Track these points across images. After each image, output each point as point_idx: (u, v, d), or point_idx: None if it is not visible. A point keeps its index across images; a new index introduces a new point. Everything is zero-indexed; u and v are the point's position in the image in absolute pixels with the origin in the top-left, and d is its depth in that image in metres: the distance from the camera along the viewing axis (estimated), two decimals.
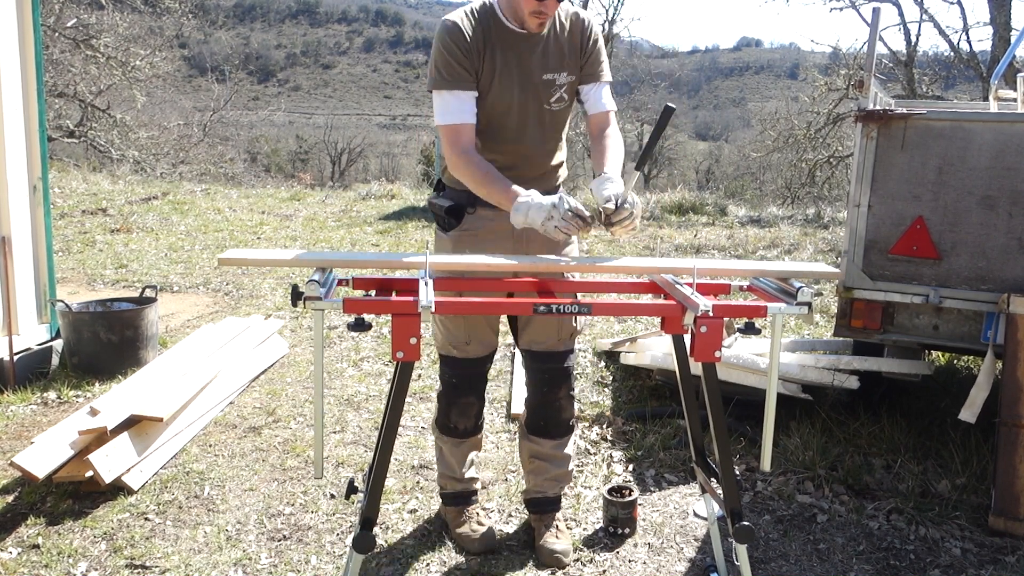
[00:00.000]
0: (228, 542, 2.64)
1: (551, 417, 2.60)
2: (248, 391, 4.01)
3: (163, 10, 19.08)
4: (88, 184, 12.19)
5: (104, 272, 6.56)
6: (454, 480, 2.70)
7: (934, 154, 3.11)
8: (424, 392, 4.06)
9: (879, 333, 3.32)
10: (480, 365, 2.57)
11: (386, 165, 36.73)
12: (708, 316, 1.84)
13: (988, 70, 13.39)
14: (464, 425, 2.62)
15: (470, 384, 2.59)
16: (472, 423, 2.64)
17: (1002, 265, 3.06)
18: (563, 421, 2.63)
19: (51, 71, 16.12)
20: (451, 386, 2.59)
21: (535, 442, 2.64)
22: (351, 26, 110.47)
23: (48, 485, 2.88)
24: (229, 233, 8.70)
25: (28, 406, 3.72)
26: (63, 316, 4.14)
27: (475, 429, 2.68)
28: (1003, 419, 2.82)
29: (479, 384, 2.62)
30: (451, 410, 2.60)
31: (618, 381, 4.27)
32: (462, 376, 2.57)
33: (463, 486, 2.71)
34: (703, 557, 2.62)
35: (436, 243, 2.53)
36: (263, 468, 3.18)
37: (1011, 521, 2.76)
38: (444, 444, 2.67)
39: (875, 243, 3.23)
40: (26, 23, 3.95)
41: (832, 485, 3.08)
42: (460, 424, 2.62)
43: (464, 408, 2.60)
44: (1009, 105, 4.38)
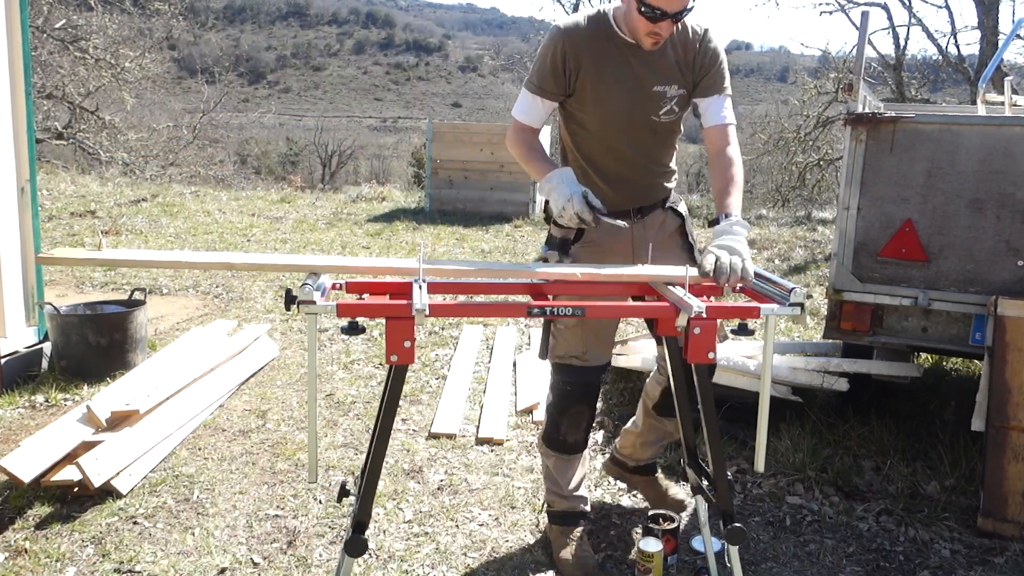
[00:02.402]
0: (217, 546, 2.62)
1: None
2: (238, 394, 3.99)
3: (152, 11, 18.97)
4: (77, 186, 12.12)
5: (92, 275, 6.51)
6: (560, 497, 2.64)
7: (923, 157, 3.13)
8: (415, 395, 4.05)
9: (868, 335, 3.34)
10: (596, 374, 2.58)
11: (376, 167, 36.66)
12: (701, 318, 1.85)
13: (976, 74, 13.47)
14: (574, 438, 2.60)
15: (584, 392, 2.57)
16: (581, 436, 2.61)
17: (990, 268, 3.08)
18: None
19: (39, 72, 16.00)
20: (566, 394, 2.57)
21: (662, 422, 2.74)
22: (341, 28, 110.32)
23: (35, 489, 2.86)
24: (219, 235, 8.66)
25: (16, 409, 3.69)
26: (51, 319, 4.11)
27: (583, 444, 2.64)
28: (991, 421, 2.84)
29: (592, 394, 2.60)
30: (562, 420, 2.58)
31: (609, 384, 4.27)
32: (577, 384, 2.56)
33: (569, 504, 2.64)
34: (694, 559, 2.62)
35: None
36: (253, 472, 3.17)
37: (1000, 522, 2.77)
38: (550, 460, 2.64)
39: (864, 245, 3.25)
40: (14, 24, 3.92)
41: (822, 487, 3.09)
42: (570, 436, 2.59)
43: (576, 418, 2.57)
44: (997, 109, 4.42)
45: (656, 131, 2.43)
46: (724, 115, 2.37)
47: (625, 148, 2.43)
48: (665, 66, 2.34)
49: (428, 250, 8.13)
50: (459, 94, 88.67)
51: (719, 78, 2.37)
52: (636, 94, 2.35)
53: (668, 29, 2.22)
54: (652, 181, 2.51)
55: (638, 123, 2.39)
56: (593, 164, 2.46)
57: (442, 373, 4.40)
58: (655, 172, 2.50)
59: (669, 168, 2.54)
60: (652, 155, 2.47)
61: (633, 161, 2.45)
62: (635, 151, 2.44)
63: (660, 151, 2.49)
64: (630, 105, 2.36)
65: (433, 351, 4.80)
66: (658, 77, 2.34)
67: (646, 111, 2.37)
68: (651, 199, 2.51)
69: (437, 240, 8.87)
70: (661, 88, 2.35)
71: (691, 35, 2.35)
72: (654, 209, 2.52)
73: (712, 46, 2.36)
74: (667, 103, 2.37)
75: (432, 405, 3.92)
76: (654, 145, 2.46)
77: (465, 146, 11.34)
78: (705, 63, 2.35)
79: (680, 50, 2.35)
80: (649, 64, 2.33)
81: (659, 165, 2.51)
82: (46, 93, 16.87)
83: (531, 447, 3.47)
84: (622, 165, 2.45)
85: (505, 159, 11.25)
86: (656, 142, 2.46)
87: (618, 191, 2.45)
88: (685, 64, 2.35)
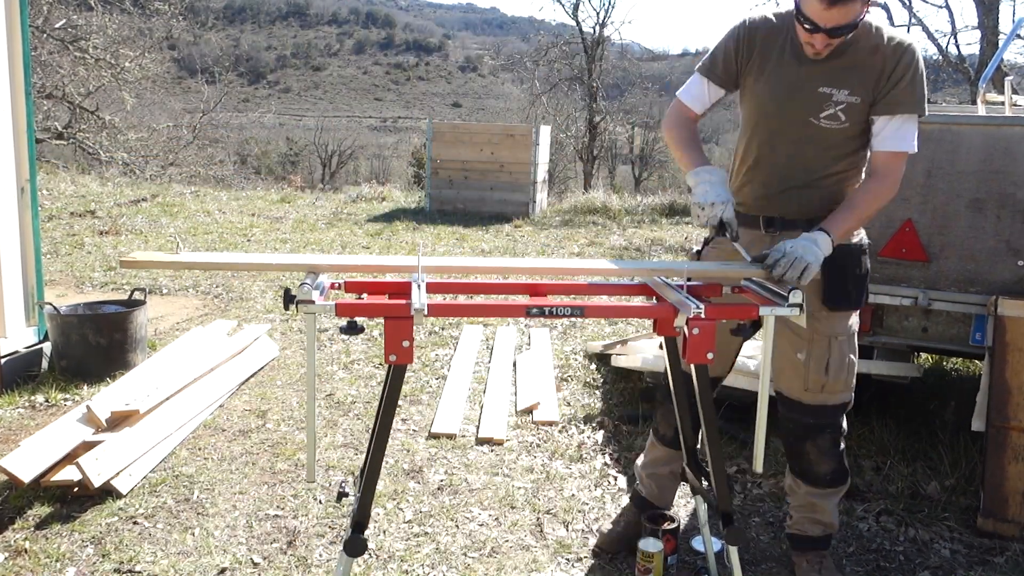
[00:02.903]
0: (217, 546, 2.62)
1: (800, 466, 2.46)
2: (238, 394, 3.99)
3: (152, 11, 18.99)
4: (76, 186, 12.13)
5: (92, 275, 6.52)
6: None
7: (923, 157, 3.12)
8: (415, 395, 4.05)
9: (868, 335, 3.34)
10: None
11: (376, 167, 36.69)
12: (700, 318, 1.85)
13: (976, 74, 13.48)
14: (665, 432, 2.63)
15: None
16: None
17: (990, 268, 3.08)
18: (815, 473, 2.43)
19: (39, 72, 16.01)
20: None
21: (795, 481, 2.50)
22: (341, 28, 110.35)
23: (35, 489, 2.86)
24: (219, 235, 8.67)
25: (16, 409, 3.69)
26: (51, 319, 4.11)
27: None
28: (991, 421, 2.84)
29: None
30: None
31: (609, 383, 4.27)
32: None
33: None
34: (694, 559, 2.62)
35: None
36: (253, 472, 3.17)
37: (1000, 522, 2.77)
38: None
39: None
40: (14, 24, 3.92)
41: None
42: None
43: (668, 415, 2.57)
44: (997, 109, 4.41)
45: (815, 137, 2.22)
46: (888, 141, 2.16)
47: (776, 147, 2.27)
48: (843, 69, 2.16)
49: (428, 250, 8.13)
50: (459, 94, 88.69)
51: (911, 96, 2.14)
52: (793, 90, 2.20)
53: (822, 42, 2.08)
54: (808, 193, 2.27)
55: (794, 123, 2.23)
56: (743, 160, 2.36)
57: (442, 373, 4.40)
58: (806, 183, 2.26)
59: (825, 184, 2.26)
60: (804, 162, 2.25)
61: (788, 165, 2.27)
62: (785, 154, 2.26)
63: (817, 161, 2.25)
64: (785, 100, 2.22)
65: (433, 351, 4.80)
66: (827, 78, 2.17)
67: (805, 111, 2.20)
68: (792, 212, 2.28)
69: (437, 240, 8.87)
70: (828, 90, 2.17)
71: (886, 43, 2.15)
72: (795, 227, 2.24)
73: (906, 59, 2.13)
74: (832, 107, 2.17)
75: (432, 405, 3.92)
76: (810, 151, 2.24)
77: (465, 146, 11.35)
78: (893, 76, 2.13)
79: (869, 56, 2.15)
80: (818, 62, 2.17)
81: (812, 175, 2.26)
82: (46, 93, 16.87)
83: (531, 447, 3.48)
84: (768, 167, 2.30)
85: (505, 159, 11.24)
86: (813, 149, 2.24)
87: (756, 193, 2.33)
88: (873, 71, 2.15)
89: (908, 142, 2.17)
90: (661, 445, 2.64)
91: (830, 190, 2.27)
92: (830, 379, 2.32)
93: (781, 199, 2.29)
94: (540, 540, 2.72)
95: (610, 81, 25.94)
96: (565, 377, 4.40)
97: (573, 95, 24.73)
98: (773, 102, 2.25)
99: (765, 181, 2.31)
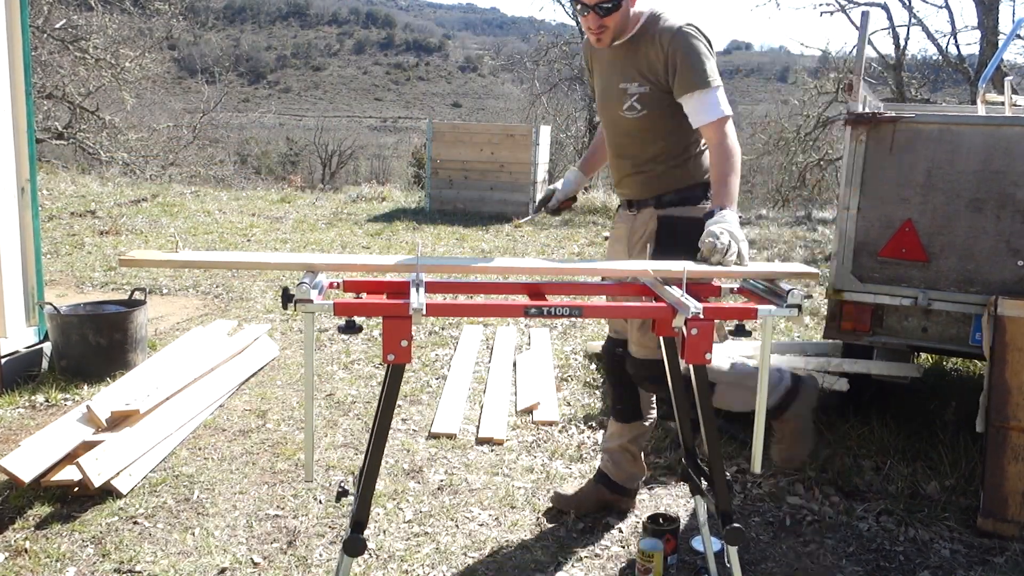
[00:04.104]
0: (217, 546, 2.62)
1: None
2: (238, 394, 3.99)
3: (153, 11, 18.98)
4: (77, 186, 12.13)
5: (93, 275, 6.52)
6: None
7: (923, 157, 3.13)
8: (415, 395, 4.05)
9: (868, 335, 3.34)
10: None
11: (376, 167, 36.63)
12: (698, 318, 1.85)
13: (976, 74, 13.48)
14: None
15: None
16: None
17: (990, 268, 3.08)
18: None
19: (39, 72, 15.99)
20: None
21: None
22: (342, 28, 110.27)
23: (35, 489, 2.86)
24: (219, 235, 8.67)
25: (16, 409, 3.69)
26: (51, 319, 4.11)
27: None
28: (991, 421, 2.84)
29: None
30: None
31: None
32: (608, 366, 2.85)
33: None
34: (694, 559, 2.62)
35: None
36: (253, 471, 3.17)
37: (1000, 522, 2.77)
38: None
39: (864, 245, 3.24)
40: (14, 24, 3.92)
41: (822, 487, 3.09)
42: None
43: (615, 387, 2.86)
44: (997, 109, 4.41)
45: (626, 129, 2.49)
46: (707, 113, 2.33)
47: (612, 142, 2.60)
48: (631, 63, 2.41)
49: (428, 250, 8.13)
50: (459, 94, 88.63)
51: (691, 74, 2.31)
52: (605, 91, 2.51)
53: (594, 22, 2.30)
54: (640, 178, 2.54)
55: (611, 118, 2.52)
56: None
57: (442, 373, 4.40)
58: (634, 170, 2.54)
59: (650, 168, 2.50)
60: (626, 151, 2.54)
61: (619, 155, 2.58)
62: (618, 146, 2.57)
63: (634, 148, 2.52)
64: (601, 101, 2.55)
65: (433, 351, 4.80)
66: (622, 74, 2.43)
67: (614, 107, 2.48)
68: (640, 194, 2.56)
69: (437, 240, 8.87)
70: (624, 85, 2.43)
71: (661, 32, 2.35)
72: (646, 206, 2.56)
73: (677, 43, 2.32)
74: (628, 99, 2.42)
75: (432, 405, 3.92)
76: (632, 141, 2.51)
77: (465, 146, 11.34)
78: (674, 61, 2.33)
79: (649, 47, 2.37)
80: (617, 61, 2.44)
81: (636, 162, 2.53)
82: (46, 93, 16.87)
83: (531, 447, 3.48)
84: (614, 158, 2.62)
85: (505, 159, 11.25)
86: (629, 139, 2.52)
87: (618, 182, 2.64)
88: (649, 62, 2.37)
89: (716, 110, 2.32)
90: (612, 420, 2.86)
91: (659, 170, 2.50)
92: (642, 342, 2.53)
93: (625, 184, 2.60)
94: (540, 540, 2.72)
95: None
96: (565, 377, 4.40)
97: (573, 95, 24.70)
98: (599, 102, 2.59)
99: (616, 172, 2.64)
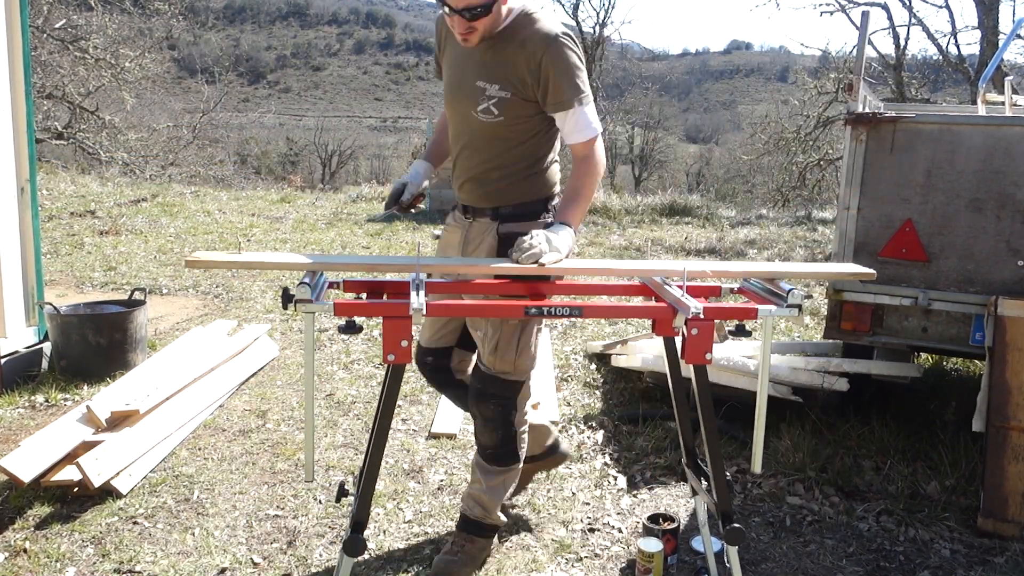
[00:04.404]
0: (217, 546, 2.62)
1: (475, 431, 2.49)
2: (238, 394, 3.99)
3: (152, 11, 18.98)
4: (76, 186, 12.12)
5: (93, 275, 6.52)
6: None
7: (923, 157, 3.13)
8: (415, 395, 4.05)
9: (869, 335, 3.34)
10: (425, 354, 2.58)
11: (376, 167, 36.65)
12: (699, 318, 1.85)
13: (976, 74, 13.48)
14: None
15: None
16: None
17: (990, 268, 3.08)
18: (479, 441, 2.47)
19: (39, 72, 16.00)
20: None
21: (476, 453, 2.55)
22: (342, 28, 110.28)
23: (35, 489, 2.86)
24: (219, 235, 8.66)
25: (16, 409, 3.69)
26: (51, 319, 4.11)
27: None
28: (992, 421, 2.84)
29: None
30: None
31: (609, 383, 4.27)
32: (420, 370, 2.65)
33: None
34: (694, 559, 2.62)
35: None
36: (253, 472, 3.17)
37: (1000, 522, 2.77)
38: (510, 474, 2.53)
39: (865, 245, 3.25)
40: (14, 24, 3.92)
41: (822, 487, 3.09)
42: None
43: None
44: (997, 109, 4.42)
45: (478, 130, 2.27)
46: (581, 132, 2.21)
47: (458, 140, 2.36)
48: (495, 62, 2.19)
49: (428, 250, 8.13)
50: None
51: (566, 90, 2.16)
52: (459, 83, 2.28)
53: (461, 25, 2.11)
54: (481, 184, 2.33)
55: (462, 115, 2.29)
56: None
57: None
58: (480, 174, 2.32)
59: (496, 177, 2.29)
60: (479, 155, 2.30)
61: (465, 154, 2.35)
62: (465, 145, 2.33)
63: (483, 153, 2.29)
64: (452, 92, 2.31)
65: None
66: (482, 72, 2.21)
67: (467, 104, 2.25)
68: (478, 202, 2.33)
69: (437, 240, 8.86)
70: (483, 84, 2.21)
71: (534, 39, 2.15)
72: (482, 215, 2.35)
73: (551, 55, 2.13)
74: (484, 100, 2.20)
75: (432, 405, 3.92)
76: (482, 144, 2.29)
77: None
78: (547, 74, 2.15)
79: (519, 52, 2.16)
80: (475, 56, 2.22)
81: (482, 167, 2.30)
82: (46, 93, 16.87)
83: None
84: (459, 156, 2.38)
85: None
86: (479, 141, 2.29)
87: (455, 182, 2.42)
88: (516, 67, 2.17)
89: (589, 129, 2.22)
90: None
91: (504, 182, 2.30)
92: (497, 357, 2.33)
93: (465, 188, 2.37)
94: (540, 540, 2.72)
95: (610, 81, 25.96)
96: (565, 377, 4.40)
97: None
98: (448, 92, 2.34)
99: (456, 171, 2.40)
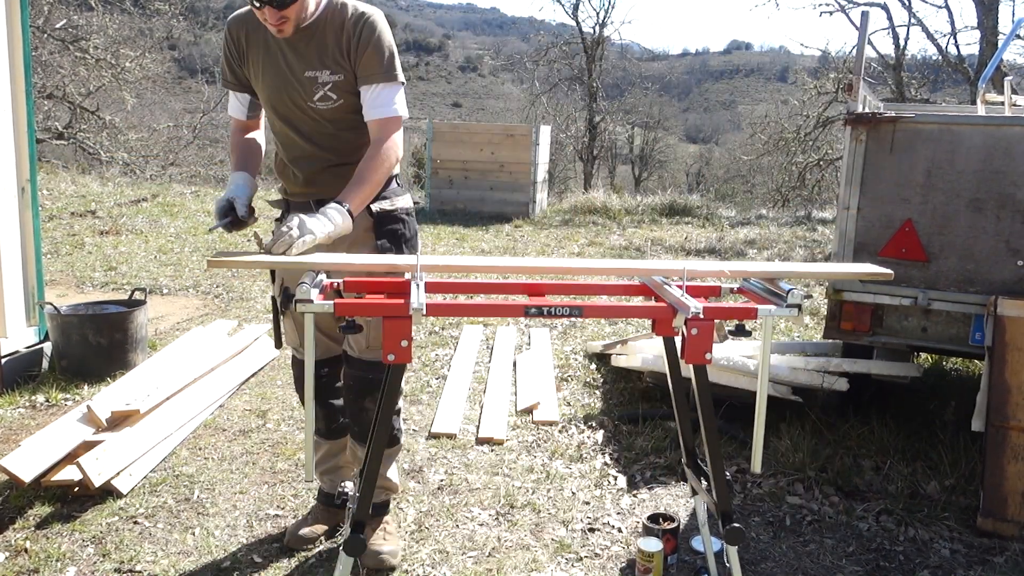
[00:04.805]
0: (217, 546, 2.62)
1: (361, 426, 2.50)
2: (238, 394, 3.99)
3: (153, 11, 18.98)
4: (77, 186, 12.12)
5: (93, 274, 6.52)
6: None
7: (922, 157, 3.13)
8: (415, 395, 4.05)
9: (868, 335, 3.34)
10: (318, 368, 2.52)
11: None
12: (698, 318, 1.85)
13: (976, 74, 13.49)
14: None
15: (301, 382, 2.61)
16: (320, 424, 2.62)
17: (990, 268, 3.08)
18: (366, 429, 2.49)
19: (40, 72, 15.99)
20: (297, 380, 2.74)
21: (356, 447, 2.57)
22: None
23: (36, 489, 2.86)
24: (218, 235, 8.65)
25: (16, 409, 3.69)
26: (51, 319, 4.11)
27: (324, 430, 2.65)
28: (991, 421, 2.84)
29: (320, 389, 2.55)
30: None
31: (609, 383, 4.27)
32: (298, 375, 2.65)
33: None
34: (694, 559, 2.62)
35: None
36: (253, 471, 3.17)
37: (999, 522, 2.77)
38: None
39: (864, 245, 3.25)
40: (14, 24, 3.92)
41: (822, 487, 3.09)
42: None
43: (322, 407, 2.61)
44: (997, 109, 4.42)
45: (319, 119, 2.31)
46: (381, 108, 2.25)
47: (294, 135, 2.37)
48: (318, 50, 2.25)
49: (428, 250, 8.13)
50: (459, 94, 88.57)
51: (378, 65, 2.24)
52: (285, 79, 2.29)
53: (273, 16, 2.13)
54: (337, 170, 2.34)
55: (298, 110, 2.31)
56: (281, 150, 2.45)
57: (442, 373, 4.40)
58: (346, 160, 2.33)
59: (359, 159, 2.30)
60: (333, 144, 2.35)
61: (305, 149, 2.36)
62: (305, 139, 2.35)
63: (342, 140, 2.35)
64: (280, 91, 2.31)
65: (433, 351, 4.80)
66: (308, 62, 2.26)
67: (301, 97, 2.28)
68: (333, 192, 2.26)
69: (437, 240, 8.87)
70: (313, 73, 2.26)
71: (349, 18, 2.24)
72: None
73: (366, 30, 2.23)
74: (320, 88, 2.26)
75: (432, 405, 3.92)
76: (334, 132, 2.34)
77: (465, 146, 11.35)
78: (359, 48, 2.23)
79: (338, 34, 2.24)
80: (298, 48, 2.26)
81: (341, 154, 2.35)
82: (46, 93, 16.86)
83: (531, 447, 3.48)
84: (297, 153, 2.39)
85: (505, 159, 11.26)
86: (325, 131, 2.33)
87: (299, 180, 2.41)
88: (340, 49, 2.24)
89: (390, 108, 2.25)
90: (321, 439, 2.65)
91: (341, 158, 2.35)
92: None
93: (321, 181, 2.37)
94: (540, 540, 2.72)
95: (610, 81, 25.96)
96: (565, 377, 4.40)
97: (573, 95, 24.74)
98: (275, 93, 2.34)
99: (302, 167, 2.39)
